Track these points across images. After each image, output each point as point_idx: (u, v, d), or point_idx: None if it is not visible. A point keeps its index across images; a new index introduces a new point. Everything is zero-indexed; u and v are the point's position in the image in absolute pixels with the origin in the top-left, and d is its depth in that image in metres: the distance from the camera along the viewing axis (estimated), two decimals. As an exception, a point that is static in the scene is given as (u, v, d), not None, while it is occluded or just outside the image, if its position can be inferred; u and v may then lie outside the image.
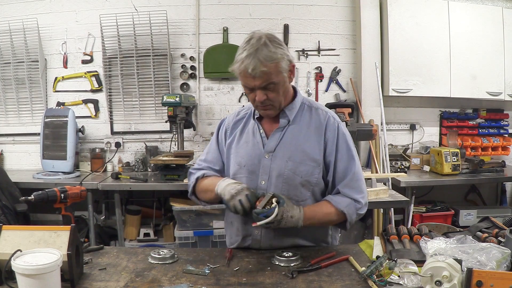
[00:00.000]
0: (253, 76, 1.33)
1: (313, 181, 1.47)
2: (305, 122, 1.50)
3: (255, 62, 1.31)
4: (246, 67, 1.33)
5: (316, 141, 1.47)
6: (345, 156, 1.48)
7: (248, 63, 1.32)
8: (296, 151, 1.46)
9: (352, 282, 1.19)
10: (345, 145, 1.49)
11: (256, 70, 1.32)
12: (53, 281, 1.03)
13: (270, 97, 1.39)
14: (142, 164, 3.51)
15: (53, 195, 1.49)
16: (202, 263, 1.33)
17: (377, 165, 3.35)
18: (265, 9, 3.59)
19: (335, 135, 1.48)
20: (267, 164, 1.47)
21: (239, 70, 1.36)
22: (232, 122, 1.61)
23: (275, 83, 1.37)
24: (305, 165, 1.45)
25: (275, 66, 1.35)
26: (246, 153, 1.51)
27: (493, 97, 3.57)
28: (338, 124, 1.50)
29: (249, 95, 1.44)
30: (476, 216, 3.40)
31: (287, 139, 1.48)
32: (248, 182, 1.46)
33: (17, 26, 3.41)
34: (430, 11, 3.45)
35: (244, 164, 1.50)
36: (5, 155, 3.62)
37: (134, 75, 3.52)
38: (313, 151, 1.46)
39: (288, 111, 1.50)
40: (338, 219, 1.47)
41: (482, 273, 1.01)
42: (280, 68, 1.36)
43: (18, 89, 3.55)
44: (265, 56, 1.32)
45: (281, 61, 1.36)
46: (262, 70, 1.32)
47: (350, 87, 3.69)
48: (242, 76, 1.38)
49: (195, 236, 2.91)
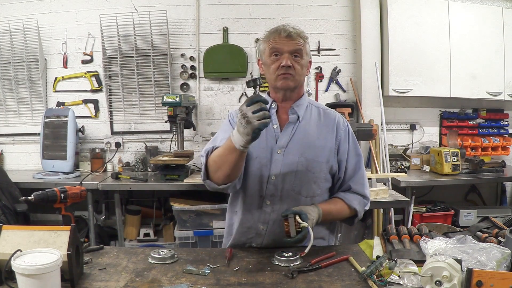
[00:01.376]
0: (289, 37, 1.43)
1: (322, 177, 1.51)
2: (315, 120, 1.56)
3: (292, 28, 1.46)
4: (282, 32, 1.44)
5: (328, 139, 1.52)
6: (354, 154, 1.56)
7: (285, 28, 1.45)
8: (309, 147, 1.49)
9: (352, 282, 1.19)
10: (353, 143, 1.57)
11: (293, 31, 1.44)
12: (53, 281, 1.03)
13: (294, 66, 1.45)
14: (142, 164, 3.51)
15: (53, 195, 1.48)
16: (202, 263, 1.33)
17: (377, 165, 3.35)
18: (265, 9, 3.59)
19: (346, 134, 1.56)
20: (279, 160, 1.48)
21: (274, 34, 1.46)
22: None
23: (302, 55, 1.47)
24: (317, 162, 1.49)
25: (305, 43, 1.48)
26: (259, 144, 1.47)
27: (493, 97, 3.57)
28: (347, 124, 1.59)
29: (272, 66, 1.47)
30: (476, 216, 3.40)
31: (299, 135, 1.51)
32: (258, 174, 1.48)
33: (17, 26, 3.41)
34: (430, 11, 3.45)
35: (256, 156, 1.49)
36: (5, 155, 3.62)
37: (134, 75, 3.52)
38: (325, 149, 1.51)
39: (296, 107, 1.55)
40: (349, 216, 1.56)
41: (482, 273, 1.01)
42: (306, 49, 1.50)
43: (18, 89, 3.55)
44: (300, 30, 1.48)
45: (308, 45, 1.51)
46: (297, 32, 1.46)
47: (350, 87, 3.69)
48: (276, 39, 1.45)
49: (195, 236, 2.91)
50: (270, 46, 1.46)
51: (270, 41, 1.46)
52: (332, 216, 1.51)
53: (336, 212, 1.51)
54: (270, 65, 1.48)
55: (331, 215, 1.49)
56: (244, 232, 1.54)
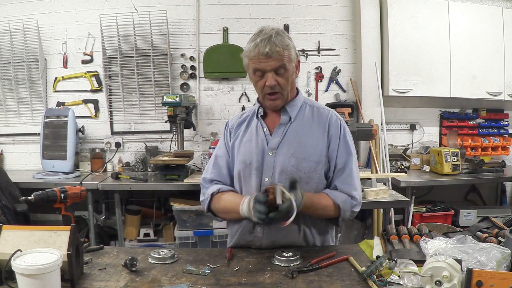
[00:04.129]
0: (268, 56, 1.39)
1: (315, 178, 1.48)
2: (308, 120, 1.54)
3: (271, 44, 1.39)
4: (261, 49, 1.39)
5: (319, 138, 1.50)
6: (344, 152, 1.51)
7: (264, 45, 1.39)
8: (299, 147, 1.48)
9: (352, 282, 1.19)
10: (345, 141, 1.52)
11: (272, 50, 1.38)
12: (53, 281, 1.03)
13: (280, 82, 1.43)
14: (142, 164, 3.51)
15: (53, 195, 1.48)
16: (202, 263, 1.33)
17: (377, 165, 3.35)
18: (265, 9, 3.59)
19: (338, 131, 1.52)
20: (271, 161, 1.48)
21: (254, 53, 1.41)
22: (235, 123, 1.64)
23: (286, 68, 1.43)
24: (308, 161, 1.47)
25: (288, 52, 1.42)
26: (250, 150, 1.52)
27: (493, 97, 3.57)
28: (340, 121, 1.55)
29: (258, 83, 1.46)
30: (476, 216, 3.39)
31: (290, 135, 1.50)
32: (253, 180, 1.48)
33: (17, 26, 3.41)
34: (430, 11, 3.45)
35: (249, 162, 1.51)
36: (5, 155, 3.62)
37: (134, 75, 3.52)
38: (316, 148, 1.49)
39: (289, 108, 1.53)
40: (334, 214, 1.48)
41: (482, 273, 1.01)
42: (291, 56, 1.44)
43: (18, 89, 3.55)
44: (280, 41, 1.40)
45: (292, 50, 1.45)
46: (277, 50, 1.39)
47: (350, 87, 3.69)
48: (255, 59, 1.42)
49: (195, 236, 2.91)
50: (252, 66, 1.44)
51: (251, 59, 1.43)
52: (315, 209, 1.43)
53: (320, 206, 1.44)
54: (256, 82, 1.48)
55: (314, 207, 1.43)
56: (243, 235, 1.54)
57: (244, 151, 1.54)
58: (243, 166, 1.52)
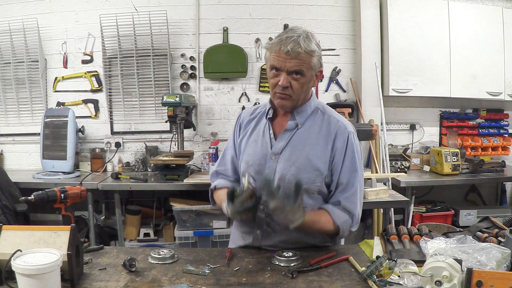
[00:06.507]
0: (288, 55, 1.34)
1: (314, 189, 1.45)
2: (316, 128, 1.48)
3: (295, 43, 1.33)
4: (283, 46, 1.34)
5: (323, 150, 1.45)
6: (349, 168, 1.45)
7: (288, 42, 1.33)
8: (301, 156, 1.44)
9: (352, 282, 1.19)
10: (351, 157, 1.46)
11: (293, 49, 1.33)
12: (53, 281, 1.03)
13: (293, 86, 1.39)
14: (142, 164, 3.51)
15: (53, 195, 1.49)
16: (202, 263, 1.33)
17: (377, 165, 3.35)
18: (265, 9, 3.59)
19: (344, 145, 1.45)
20: (273, 166, 1.47)
21: (275, 48, 1.37)
22: (247, 118, 1.62)
23: (303, 74, 1.38)
24: (308, 172, 1.43)
25: (310, 58, 1.37)
26: (254, 152, 1.52)
27: (493, 97, 3.57)
28: (348, 134, 1.47)
29: (272, 79, 1.42)
30: (476, 216, 3.39)
31: (294, 142, 1.47)
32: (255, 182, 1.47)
33: (17, 26, 3.41)
34: (430, 11, 3.45)
35: (251, 163, 1.50)
36: (5, 155, 3.62)
37: (134, 75, 3.52)
38: (318, 160, 1.44)
39: (297, 113, 1.48)
40: (331, 232, 1.47)
41: (482, 273, 1.01)
42: (312, 62, 1.38)
43: (18, 89, 3.54)
44: (305, 44, 1.34)
45: (315, 57, 1.39)
46: (298, 51, 1.33)
47: (350, 87, 3.69)
48: (275, 54, 1.37)
49: (195, 236, 2.91)
50: (270, 62, 1.40)
51: (272, 54, 1.38)
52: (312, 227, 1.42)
53: (319, 225, 1.43)
54: (270, 79, 1.44)
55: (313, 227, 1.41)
56: (242, 237, 1.55)
57: (249, 151, 1.54)
58: (245, 167, 1.52)
